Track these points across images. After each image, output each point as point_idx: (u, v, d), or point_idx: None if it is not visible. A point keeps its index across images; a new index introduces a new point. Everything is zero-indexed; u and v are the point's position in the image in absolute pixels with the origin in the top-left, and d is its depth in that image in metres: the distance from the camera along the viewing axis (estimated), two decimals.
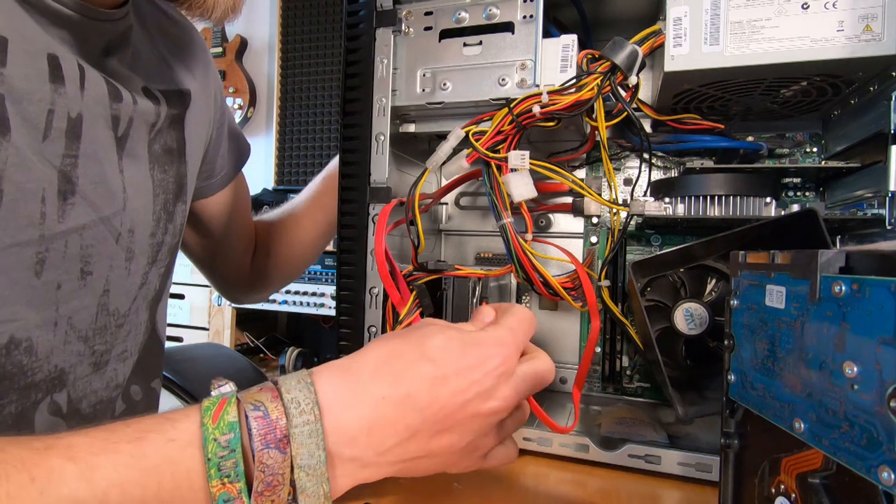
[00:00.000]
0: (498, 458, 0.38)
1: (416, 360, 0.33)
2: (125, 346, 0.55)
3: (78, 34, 0.45)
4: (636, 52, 0.45)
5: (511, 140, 0.47)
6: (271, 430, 0.29)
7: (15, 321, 0.43)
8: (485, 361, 0.34)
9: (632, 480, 0.44)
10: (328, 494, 0.30)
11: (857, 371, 0.21)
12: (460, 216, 0.69)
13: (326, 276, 1.82)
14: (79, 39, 0.45)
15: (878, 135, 0.43)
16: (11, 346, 0.44)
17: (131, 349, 0.56)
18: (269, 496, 0.28)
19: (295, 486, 0.29)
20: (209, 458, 0.28)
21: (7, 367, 0.44)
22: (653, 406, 0.58)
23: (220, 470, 0.28)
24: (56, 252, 0.45)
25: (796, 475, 0.25)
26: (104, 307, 0.51)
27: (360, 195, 0.51)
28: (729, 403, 0.31)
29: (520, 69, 0.48)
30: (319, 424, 0.29)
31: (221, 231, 0.73)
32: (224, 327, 1.92)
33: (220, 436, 0.28)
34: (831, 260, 0.23)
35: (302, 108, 2.34)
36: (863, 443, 0.21)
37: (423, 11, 0.51)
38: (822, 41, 0.41)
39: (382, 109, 0.51)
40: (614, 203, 0.52)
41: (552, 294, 0.49)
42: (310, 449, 0.29)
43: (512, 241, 0.47)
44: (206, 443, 0.28)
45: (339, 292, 0.53)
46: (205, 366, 0.99)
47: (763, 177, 0.50)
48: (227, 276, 0.78)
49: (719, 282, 0.55)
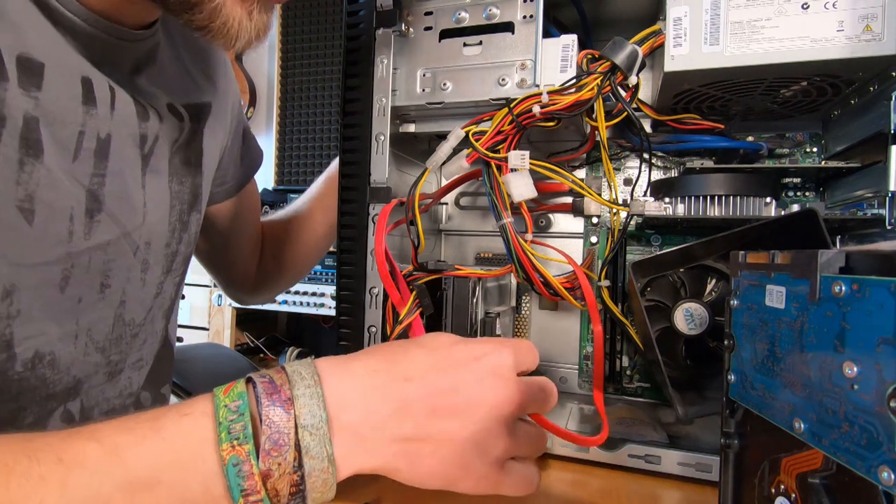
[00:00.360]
0: (517, 477, 0.35)
1: (409, 345, 0.36)
2: (140, 355, 0.55)
3: (109, 55, 0.45)
4: (636, 52, 0.45)
5: (511, 140, 0.47)
6: (276, 391, 0.31)
7: (40, 336, 0.44)
8: (480, 352, 0.35)
9: (632, 480, 0.44)
10: (331, 457, 0.31)
11: (857, 371, 0.21)
12: (460, 216, 0.69)
13: (326, 276, 1.82)
14: (109, 60, 0.45)
15: (878, 135, 0.43)
16: (36, 360, 0.44)
17: (146, 357, 0.56)
18: (275, 456, 0.29)
19: (300, 450, 0.30)
20: (220, 423, 0.30)
21: (31, 381, 0.45)
22: (653, 406, 0.58)
23: (229, 433, 0.29)
24: (80, 268, 0.46)
25: (796, 475, 0.25)
26: (120, 318, 0.51)
27: (360, 195, 0.51)
28: (729, 403, 0.31)
29: (520, 69, 0.48)
30: (319, 388, 0.31)
31: (231, 235, 0.73)
32: (224, 327, 1.92)
33: (231, 402, 0.30)
34: (831, 260, 0.23)
35: (302, 108, 2.34)
36: (863, 443, 0.21)
37: (423, 11, 0.51)
38: (822, 41, 0.41)
39: (382, 109, 0.51)
40: (614, 203, 0.52)
41: (552, 294, 0.49)
42: (311, 409, 0.31)
43: (512, 241, 0.47)
44: (217, 409, 0.30)
45: (339, 292, 0.53)
46: (205, 366, 0.99)
47: (763, 177, 0.50)
48: (234, 278, 0.79)
49: (719, 282, 0.55)
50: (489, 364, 0.35)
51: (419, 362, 0.35)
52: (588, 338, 0.62)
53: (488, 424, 0.33)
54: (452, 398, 0.33)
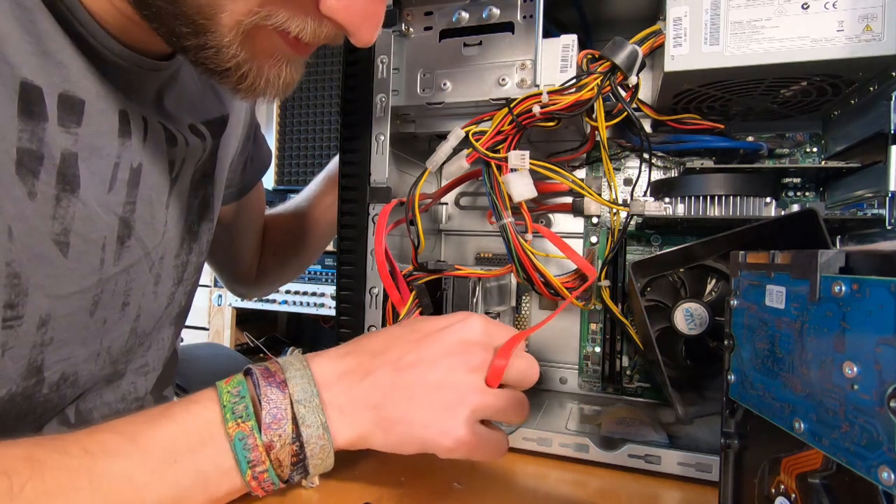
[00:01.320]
0: (487, 442, 0.37)
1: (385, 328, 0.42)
2: (145, 361, 0.55)
3: (138, 85, 0.45)
4: (636, 52, 0.45)
5: (511, 140, 0.47)
6: (271, 376, 0.36)
7: (68, 359, 0.45)
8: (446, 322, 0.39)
9: (632, 480, 0.44)
10: (325, 425, 0.35)
11: (857, 371, 0.21)
12: (460, 216, 0.69)
13: (326, 276, 1.82)
14: (138, 89, 0.45)
15: (878, 135, 0.43)
16: (61, 381, 0.45)
17: (153, 363, 0.57)
18: (276, 429, 0.34)
19: (297, 422, 0.34)
20: (224, 405, 0.34)
21: (55, 401, 0.46)
22: (653, 406, 0.58)
23: (233, 413, 0.34)
24: (108, 292, 0.46)
25: (796, 475, 0.25)
26: (134, 331, 0.52)
27: (360, 195, 0.51)
28: (729, 403, 0.31)
29: (520, 69, 0.48)
30: (308, 371, 0.36)
31: (236, 233, 0.73)
32: (224, 327, 1.92)
33: (232, 388, 0.35)
34: (831, 260, 0.23)
35: (302, 108, 2.34)
36: (863, 443, 0.21)
37: (423, 11, 0.51)
38: (823, 41, 0.41)
39: (382, 109, 0.51)
40: (614, 203, 0.52)
41: (553, 294, 0.49)
42: (303, 387, 0.35)
43: (512, 240, 0.47)
44: (221, 394, 0.35)
45: (339, 292, 0.53)
46: (204, 366, 0.99)
47: (763, 177, 0.50)
48: (235, 274, 0.79)
49: (719, 282, 0.55)
50: (455, 333, 0.38)
51: (385, 338, 0.39)
52: (588, 338, 0.62)
53: (454, 389, 0.36)
54: (416, 368, 0.36)
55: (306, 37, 0.37)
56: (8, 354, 0.40)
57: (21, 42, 0.36)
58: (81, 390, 0.48)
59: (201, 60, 0.37)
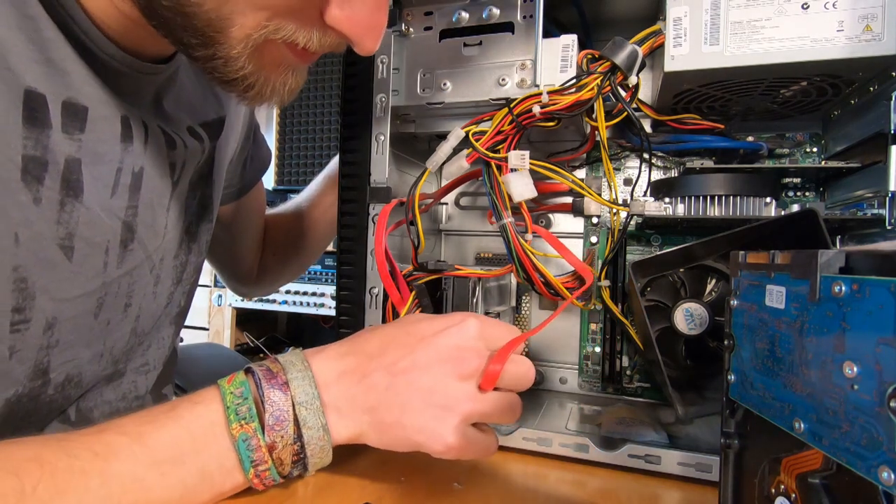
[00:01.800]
0: (476, 445, 0.38)
1: (382, 326, 0.42)
2: (145, 360, 0.56)
3: (137, 89, 0.45)
4: (636, 52, 0.45)
5: (511, 140, 0.47)
6: (273, 377, 0.36)
7: (73, 360, 0.46)
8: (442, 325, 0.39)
9: (632, 480, 0.44)
10: (325, 426, 0.36)
11: (857, 371, 0.21)
12: (460, 216, 0.69)
13: (326, 276, 1.82)
14: (137, 93, 0.46)
15: (878, 135, 0.43)
16: (66, 382, 0.46)
17: (153, 363, 0.57)
18: (278, 430, 0.34)
19: (299, 424, 0.35)
20: (228, 407, 0.35)
21: (59, 402, 0.46)
22: (653, 406, 0.58)
23: (237, 414, 0.34)
24: (111, 294, 0.47)
25: (796, 475, 0.25)
26: (134, 331, 0.52)
27: (360, 195, 0.51)
28: (729, 403, 0.31)
29: (520, 69, 0.48)
30: (309, 372, 0.37)
31: (236, 232, 0.74)
32: (224, 327, 1.92)
33: (235, 389, 0.36)
34: (831, 260, 0.23)
35: (302, 108, 2.34)
36: (863, 443, 0.21)
37: (423, 11, 0.51)
38: (822, 41, 0.41)
39: (382, 109, 0.51)
40: (614, 203, 0.52)
41: (553, 294, 0.49)
42: (304, 388, 0.36)
43: (512, 240, 0.47)
44: (224, 395, 0.35)
45: (339, 292, 0.53)
46: (204, 366, 0.99)
47: (763, 177, 0.50)
48: (237, 273, 0.80)
49: (719, 282, 0.55)
50: (450, 337, 0.38)
51: (383, 339, 0.39)
52: (588, 338, 0.62)
53: (445, 396, 0.37)
54: (410, 373, 0.37)
55: (313, 47, 0.38)
56: (15, 357, 0.40)
57: (25, 50, 0.36)
58: (84, 390, 0.49)
59: (209, 69, 0.38)
